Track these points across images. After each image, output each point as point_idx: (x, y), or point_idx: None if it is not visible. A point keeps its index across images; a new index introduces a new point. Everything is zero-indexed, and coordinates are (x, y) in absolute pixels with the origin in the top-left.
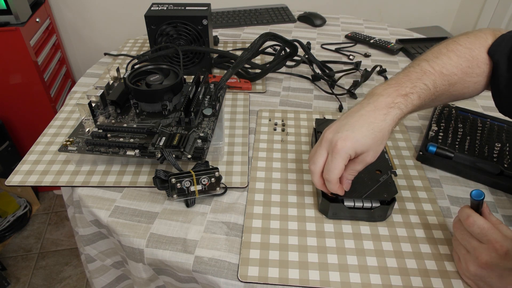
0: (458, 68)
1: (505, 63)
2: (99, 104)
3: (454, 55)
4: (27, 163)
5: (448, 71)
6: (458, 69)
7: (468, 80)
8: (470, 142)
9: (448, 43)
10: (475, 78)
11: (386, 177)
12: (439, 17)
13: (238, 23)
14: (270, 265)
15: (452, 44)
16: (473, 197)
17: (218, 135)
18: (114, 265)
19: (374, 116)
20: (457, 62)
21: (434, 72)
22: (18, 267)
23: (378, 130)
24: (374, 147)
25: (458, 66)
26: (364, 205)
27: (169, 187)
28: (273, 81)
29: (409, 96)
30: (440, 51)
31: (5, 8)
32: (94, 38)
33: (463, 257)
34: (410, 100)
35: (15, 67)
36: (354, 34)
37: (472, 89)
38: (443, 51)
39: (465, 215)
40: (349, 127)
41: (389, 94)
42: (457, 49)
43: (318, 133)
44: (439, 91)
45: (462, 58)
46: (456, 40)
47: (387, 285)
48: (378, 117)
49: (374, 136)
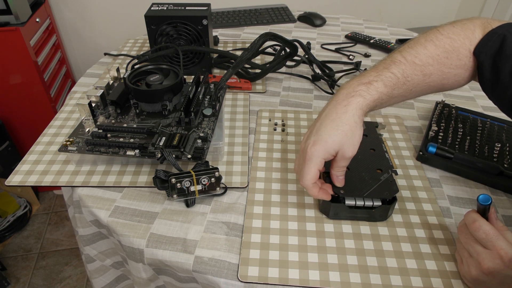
0: (434, 59)
1: (489, 66)
2: (99, 104)
3: (431, 45)
4: (27, 163)
5: (422, 61)
6: (433, 60)
7: (446, 71)
8: (470, 142)
9: (429, 33)
10: (454, 70)
11: (387, 175)
12: (439, 17)
13: (238, 23)
14: (270, 265)
15: (433, 34)
16: (480, 202)
17: (218, 135)
18: (114, 265)
19: (335, 112)
20: (433, 52)
21: (405, 62)
22: (18, 267)
23: (342, 123)
24: (346, 141)
25: (433, 56)
26: (365, 204)
27: (169, 187)
28: (273, 81)
29: (372, 83)
30: (418, 41)
31: (5, 8)
32: (94, 38)
33: (466, 260)
34: (373, 87)
35: (15, 67)
36: (354, 34)
37: (452, 81)
38: (421, 41)
39: (471, 220)
40: (316, 131)
41: (350, 85)
42: (436, 38)
43: None
44: (411, 80)
45: (440, 48)
46: (439, 29)
47: (387, 285)
48: (339, 111)
49: (341, 131)
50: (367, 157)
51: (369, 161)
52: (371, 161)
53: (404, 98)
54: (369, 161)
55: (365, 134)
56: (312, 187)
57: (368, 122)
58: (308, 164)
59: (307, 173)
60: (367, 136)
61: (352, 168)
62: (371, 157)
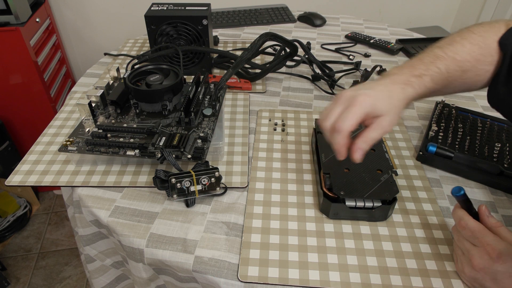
0: (471, 55)
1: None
2: (99, 104)
3: (467, 42)
4: (27, 163)
5: (461, 57)
6: (470, 56)
7: (480, 68)
8: (470, 142)
9: (462, 32)
10: (487, 66)
11: (387, 176)
12: (439, 17)
13: (238, 23)
14: (270, 265)
15: (466, 33)
16: (453, 194)
17: (218, 135)
18: (114, 265)
19: (392, 87)
20: (470, 49)
21: (447, 57)
22: (18, 267)
23: (396, 99)
24: (391, 113)
25: (471, 53)
26: (366, 205)
27: (169, 187)
28: (273, 81)
29: (422, 77)
30: (454, 39)
31: (5, 8)
32: (94, 38)
33: (459, 259)
34: (423, 81)
35: (15, 67)
36: (354, 34)
37: (483, 78)
38: (457, 39)
39: (458, 218)
40: (370, 87)
41: (404, 73)
42: (470, 37)
43: (318, 133)
44: (452, 76)
45: (475, 46)
46: (470, 29)
47: (387, 285)
48: (396, 89)
49: (392, 102)
50: (368, 157)
51: (370, 162)
52: (371, 161)
53: (439, 94)
54: (370, 161)
55: None
56: (345, 135)
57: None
58: (354, 109)
59: (350, 118)
60: None
61: (352, 169)
62: (372, 158)
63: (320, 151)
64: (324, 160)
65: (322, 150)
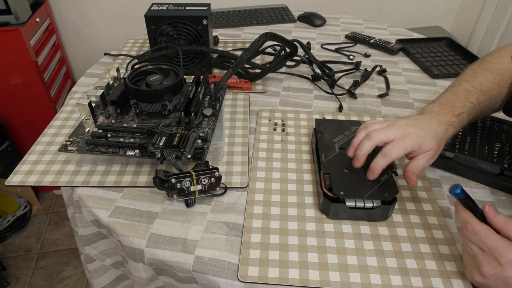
0: (494, 83)
1: None
2: (99, 104)
3: (487, 73)
4: (27, 163)
5: (487, 87)
6: (494, 84)
7: (503, 91)
8: (470, 142)
9: (480, 63)
10: (510, 88)
11: (387, 176)
12: (439, 17)
13: (238, 23)
14: (270, 265)
15: (483, 64)
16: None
17: (218, 135)
18: (114, 265)
19: (438, 128)
20: (492, 78)
21: (476, 91)
22: (18, 267)
23: (441, 138)
24: (434, 149)
25: (493, 81)
26: (366, 205)
27: (169, 187)
28: (273, 81)
29: (461, 115)
30: (475, 71)
31: (5, 8)
32: (94, 38)
33: (468, 264)
34: (462, 119)
35: (15, 67)
36: (354, 34)
37: (505, 97)
38: (478, 71)
39: (463, 221)
40: (421, 128)
41: (446, 113)
42: (488, 67)
43: (318, 133)
44: (482, 106)
45: (495, 73)
46: (484, 59)
47: (387, 285)
48: (441, 130)
49: (437, 141)
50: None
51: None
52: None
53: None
54: (370, 161)
55: None
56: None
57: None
58: (404, 142)
59: (400, 149)
60: None
61: (352, 169)
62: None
63: (320, 151)
64: (324, 160)
65: (322, 150)
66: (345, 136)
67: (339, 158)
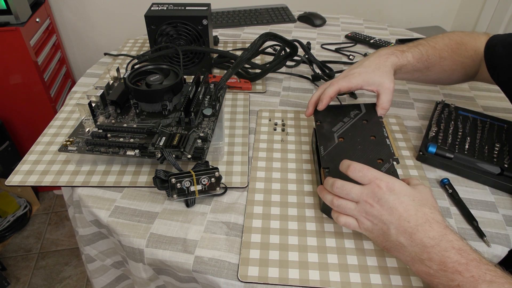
0: (448, 46)
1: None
2: (99, 104)
3: (446, 38)
4: (27, 163)
5: (439, 47)
6: (447, 47)
7: (456, 59)
8: (470, 143)
9: (445, 33)
10: (462, 58)
11: (388, 165)
12: (439, 17)
13: (238, 23)
14: (270, 265)
15: (448, 33)
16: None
17: (218, 135)
18: (114, 265)
19: (378, 60)
20: (448, 42)
21: (427, 45)
22: (18, 267)
23: (383, 66)
24: (385, 78)
25: (448, 45)
26: None
27: (169, 187)
28: (273, 81)
29: (404, 52)
30: (436, 36)
31: (5, 8)
32: (94, 38)
33: (350, 223)
34: (405, 55)
35: (15, 67)
36: (354, 34)
37: (460, 68)
38: (439, 36)
39: (345, 166)
40: (359, 65)
41: (388, 49)
42: (450, 35)
43: (317, 122)
44: (431, 60)
45: (453, 41)
46: (453, 31)
47: (387, 285)
48: (381, 61)
49: (382, 71)
50: (368, 146)
51: (370, 151)
52: (372, 150)
53: (423, 77)
54: (370, 151)
55: (365, 120)
56: (329, 94)
57: (367, 104)
58: (349, 78)
59: (345, 81)
60: (367, 121)
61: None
62: (372, 146)
63: (319, 143)
64: (323, 153)
65: (321, 141)
66: (344, 123)
67: (338, 149)
